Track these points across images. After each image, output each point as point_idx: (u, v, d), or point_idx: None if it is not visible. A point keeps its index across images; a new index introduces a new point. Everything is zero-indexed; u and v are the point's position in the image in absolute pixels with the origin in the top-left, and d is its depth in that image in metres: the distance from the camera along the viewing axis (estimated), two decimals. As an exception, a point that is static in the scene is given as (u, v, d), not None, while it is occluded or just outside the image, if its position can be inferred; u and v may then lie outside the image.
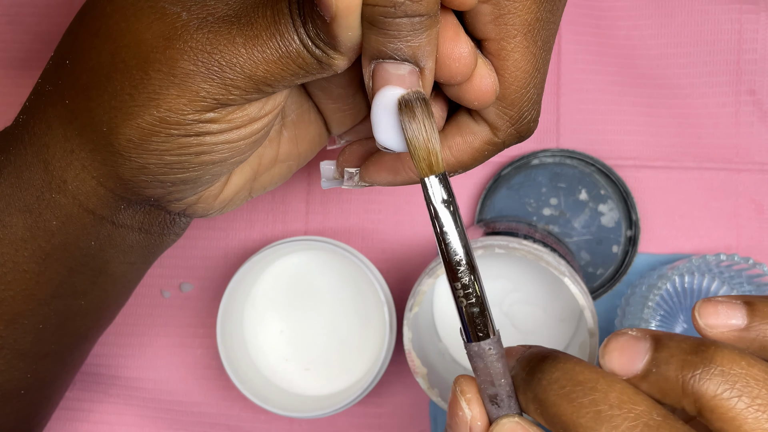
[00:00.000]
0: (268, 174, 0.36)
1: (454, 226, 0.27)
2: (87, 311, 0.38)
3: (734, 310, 0.27)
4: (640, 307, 0.47)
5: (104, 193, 0.32)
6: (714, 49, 0.50)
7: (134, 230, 0.35)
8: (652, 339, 0.26)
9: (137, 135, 0.29)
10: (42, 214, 0.33)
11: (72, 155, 0.31)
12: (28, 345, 0.36)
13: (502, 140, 0.32)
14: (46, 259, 0.34)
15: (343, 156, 0.35)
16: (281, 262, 0.51)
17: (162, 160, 0.30)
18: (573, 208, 0.51)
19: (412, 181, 0.33)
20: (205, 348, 0.52)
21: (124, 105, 0.29)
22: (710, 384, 0.23)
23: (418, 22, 0.27)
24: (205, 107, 0.29)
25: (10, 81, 0.53)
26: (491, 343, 0.26)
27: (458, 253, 0.27)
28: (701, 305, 0.27)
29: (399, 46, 0.27)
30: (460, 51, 0.29)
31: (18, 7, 0.53)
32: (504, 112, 0.31)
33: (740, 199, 0.50)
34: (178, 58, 0.28)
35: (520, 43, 0.30)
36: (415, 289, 0.43)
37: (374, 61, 0.28)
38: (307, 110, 0.36)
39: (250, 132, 0.31)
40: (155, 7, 0.29)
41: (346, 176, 0.35)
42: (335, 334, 0.51)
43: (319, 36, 0.28)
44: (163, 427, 0.52)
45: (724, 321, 0.27)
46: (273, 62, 0.28)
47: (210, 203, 0.34)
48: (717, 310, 0.27)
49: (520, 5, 0.29)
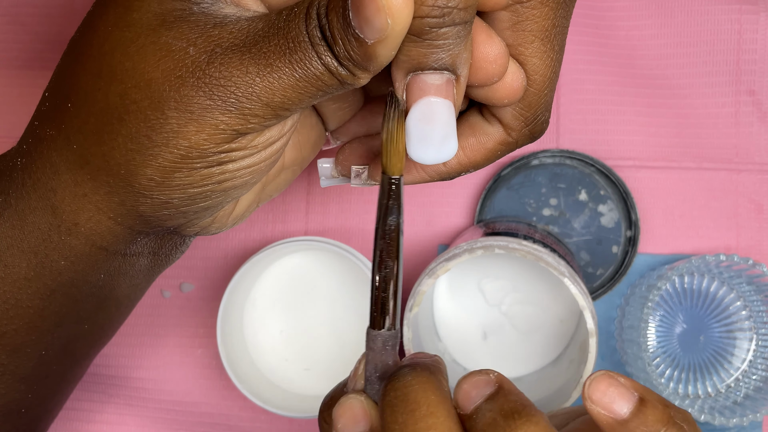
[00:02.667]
0: (275, 183, 0.36)
1: (395, 226, 0.29)
2: (90, 333, 0.37)
3: (623, 399, 0.26)
4: (639, 308, 0.47)
5: (121, 231, 0.32)
6: (714, 49, 0.50)
7: (144, 256, 0.35)
8: (497, 385, 0.26)
9: (159, 174, 0.29)
10: (49, 255, 0.32)
11: (84, 199, 0.31)
12: (29, 370, 0.36)
13: (515, 140, 0.32)
14: (52, 295, 0.33)
15: (343, 154, 0.35)
16: (281, 262, 0.51)
17: (186, 194, 0.30)
18: (573, 209, 0.51)
19: (423, 180, 0.33)
20: (205, 348, 0.52)
21: (142, 147, 0.29)
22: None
23: (462, 29, 0.27)
24: (225, 139, 0.28)
25: (10, 81, 0.53)
26: (379, 336, 0.28)
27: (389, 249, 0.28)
28: (597, 377, 0.27)
29: (441, 56, 0.27)
30: (496, 51, 0.29)
31: (18, 7, 0.53)
32: (520, 113, 0.31)
33: (740, 199, 0.50)
34: (193, 95, 0.28)
35: (538, 48, 0.30)
36: (415, 289, 0.43)
37: (411, 74, 0.28)
38: (308, 115, 0.36)
39: (270, 153, 0.31)
40: (158, 43, 0.28)
41: (353, 174, 0.34)
42: (335, 334, 0.51)
43: (350, 57, 0.27)
44: (164, 427, 0.52)
45: (607, 404, 0.26)
46: (291, 88, 0.28)
47: (224, 222, 0.34)
48: (606, 390, 0.27)
49: (538, 12, 0.29)
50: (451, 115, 0.29)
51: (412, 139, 0.29)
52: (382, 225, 0.29)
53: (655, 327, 0.49)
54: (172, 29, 0.28)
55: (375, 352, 0.28)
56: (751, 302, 0.49)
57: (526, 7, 0.29)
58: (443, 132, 0.29)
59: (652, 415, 0.26)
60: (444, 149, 0.29)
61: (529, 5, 0.29)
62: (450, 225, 0.52)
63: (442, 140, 0.29)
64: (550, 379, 0.48)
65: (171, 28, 0.28)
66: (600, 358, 0.51)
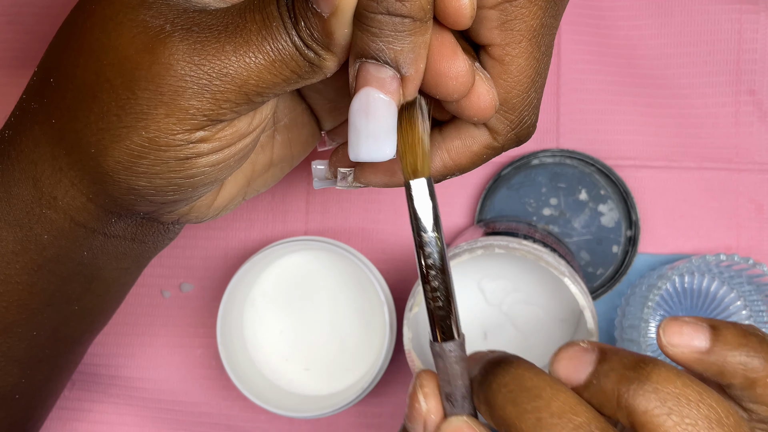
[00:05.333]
0: (262, 178, 0.36)
1: (432, 230, 0.28)
2: (81, 316, 0.37)
3: (698, 332, 0.28)
4: (639, 307, 0.47)
5: (95, 209, 0.32)
6: (714, 49, 0.50)
7: (127, 240, 0.35)
8: (599, 351, 0.26)
9: (126, 157, 0.29)
10: (33, 228, 0.33)
11: (61, 173, 0.31)
12: (22, 352, 0.36)
13: (501, 144, 0.32)
14: (39, 271, 0.34)
15: (336, 156, 0.35)
16: (281, 262, 0.51)
17: (151, 183, 0.30)
18: (573, 208, 0.51)
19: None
20: (205, 348, 0.52)
21: (111, 126, 0.29)
22: (642, 400, 0.24)
23: (399, 23, 0.26)
24: (195, 125, 0.28)
25: (11, 81, 0.53)
26: (452, 346, 0.27)
27: (432, 257, 0.27)
28: (666, 323, 0.28)
29: (381, 46, 0.27)
30: (458, 69, 0.29)
31: (18, 7, 0.53)
32: (505, 116, 0.31)
33: (740, 199, 0.50)
34: (164, 74, 0.27)
35: (525, 48, 0.30)
36: (415, 289, 0.43)
37: (359, 60, 0.28)
38: (300, 113, 0.35)
39: (240, 149, 0.31)
40: (135, 21, 0.28)
41: (340, 176, 0.34)
42: (335, 334, 0.51)
43: (312, 36, 0.27)
44: (163, 427, 0.52)
45: (687, 341, 0.27)
46: (265, 68, 0.28)
47: (203, 212, 0.34)
48: (681, 330, 0.28)
49: (527, 11, 0.29)
50: (390, 114, 0.28)
51: (349, 131, 0.28)
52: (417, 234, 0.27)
53: (655, 327, 0.49)
54: (151, 8, 0.28)
55: (450, 365, 0.27)
56: (751, 302, 0.49)
57: (515, 6, 0.29)
58: (379, 129, 0.28)
59: (730, 335, 0.27)
60: (378, 148, 0.28)
61: (517, 4, 0.29)
62: (450, 225, 0.52)
63: (377, 138, 0.28)
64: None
65: (150, 7, 0.28)
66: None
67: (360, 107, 0.28)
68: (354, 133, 0.28)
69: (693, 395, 0.24)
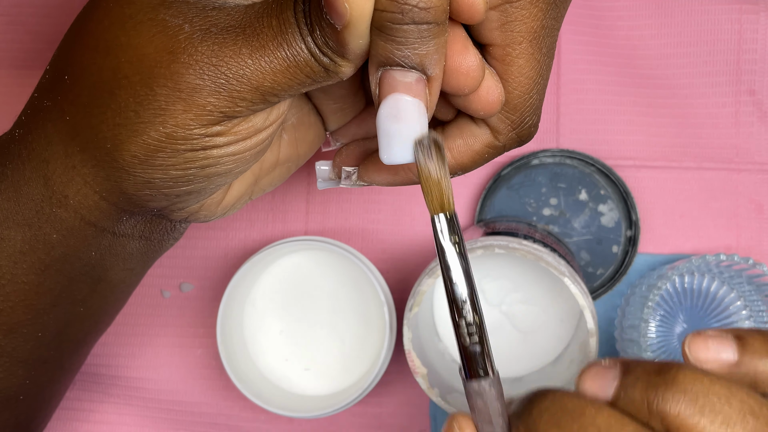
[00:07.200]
0: (269, 177, 0.36)
1: (461, 264, 0.27)
2: (86, 317, 0.37)
3: (724, 345, 0.27)
4: (640, 307, 0.47)
5: (107, 207, 0.32)
6: (714, 49, 0.50)
7: (135, 238, 0.35)
8: (621, 365, 0.26)
9: (143, 151, 0.29)
10: (42, 227, 0.33)
11: (73, 171, 0.31)
12: (27, 352, 0.36)
13: (502, 144, 0.32)
14: (46, 271, 0.34)
15: (340, 156, 0.35)
16: (281, 262, 0.51)
17: (167, 175, 0.30)
18: (573, 208, 0.51)
19: (411, 182, 0.33)
20: (205, 348, 0.52)
21: (128, 122, 0.29)
22: (673, 402, 0.24)
23: (425, 29, 0.27)
24: (212, 121, 0.29)
25: (11, 81, 0.53)
26: (491, 382, 0.27)
27: (463, 293, 0.27)
28: (691, 339, 0.27)
29: (407, 53, 0.27)
30: (469, 64, 0.29)
31: (18, 7, 0.53)
32: (506, 116, 0.31)
33: (740, 199, 0.50)
34: (183, 73, 0.28)
35: (525, 49, 0.30)
36: (415, 289, 0.43)
37: (381, 68, 0.28)
38: (307, 113, 0.36)
39: (256, 143, 0.31)
40: (155, 20, 0.28)
41: (344, 175, 0.35)
42: (335, 334, 0.51)
43: (327, 44, 0.28)
44: (164, 427, 0.52)
45: (714, 356, 0.27)
46: (280, 72, 0.28)
47: (212, 210, 0.34)
48: (707, 345, 0.27)
49: (527, 13, 0.29)
50: (421, 115, 0.28)
51: (380, 136, 0.29)
52: (446, 271, 0.27)
53: (655, 327, 0.49)
54: (171, 8, 0.29)
55: (490, 403, 0.26)
56: (751, 302, 0.49)
57: (516, 7, 0.29)
58: (412, 132, 0.28)
59: (757, 344, 0.27)
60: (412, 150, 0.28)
61: (518, 5, 0.29)
62: (450, 225, 0.52)
63: (411, 140, 0.28)
64: (550, 379, 0.48)
65: (170, 6, 0.29)
66: (600, 357, 0.51)
67: (389, 113, 0.28)
68: (385, 138, 0.28)
69: (722, 391, 0.24)
